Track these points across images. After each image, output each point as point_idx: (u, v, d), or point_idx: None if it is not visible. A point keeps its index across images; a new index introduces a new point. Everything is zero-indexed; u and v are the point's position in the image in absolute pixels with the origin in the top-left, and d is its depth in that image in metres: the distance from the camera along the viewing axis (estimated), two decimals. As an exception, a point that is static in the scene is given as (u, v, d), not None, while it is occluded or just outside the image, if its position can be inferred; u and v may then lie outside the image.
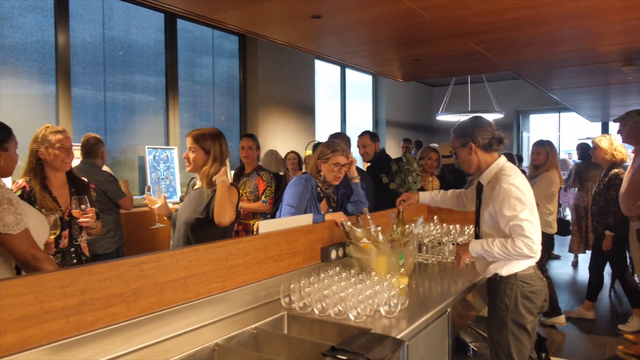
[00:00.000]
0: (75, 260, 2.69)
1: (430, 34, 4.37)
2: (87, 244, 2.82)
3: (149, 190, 3.06)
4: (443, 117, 10.73)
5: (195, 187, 2.76)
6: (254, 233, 3.39)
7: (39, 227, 2.07)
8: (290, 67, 8.00)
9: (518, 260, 2.32)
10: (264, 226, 2.34)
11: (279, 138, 7.82)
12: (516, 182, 2.30)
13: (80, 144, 4.41)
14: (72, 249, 2.69)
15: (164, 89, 6.42)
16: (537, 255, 2.32)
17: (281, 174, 5.89)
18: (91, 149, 4.01)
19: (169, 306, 1.82)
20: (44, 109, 5.12)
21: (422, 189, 3.95)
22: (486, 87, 10.56)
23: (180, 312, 1.84)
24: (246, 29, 4.34)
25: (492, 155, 2.45)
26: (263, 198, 4.27)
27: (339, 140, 3.26)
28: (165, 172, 6.18)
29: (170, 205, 3.01)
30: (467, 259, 2.48)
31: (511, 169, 2.41)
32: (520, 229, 2.24)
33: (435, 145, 6.02)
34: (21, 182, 2.62)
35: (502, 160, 2.46)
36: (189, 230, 2.58)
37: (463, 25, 4.08)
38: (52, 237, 2.31)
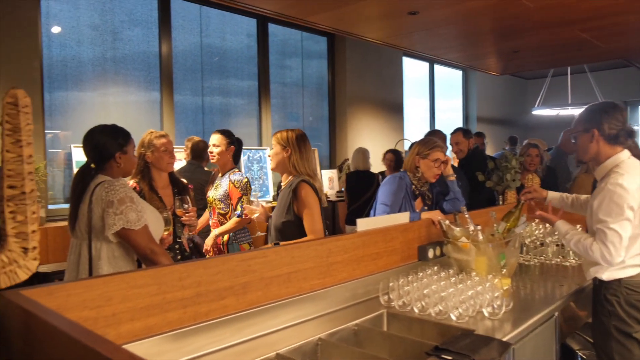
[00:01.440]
0: (179, 257, 2.87)
1: (533, 23, 4.17)
2: (187, 241, 3.00)
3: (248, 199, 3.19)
4: (539, 112, 10.18)
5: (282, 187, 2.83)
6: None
7: (155, 224, 2.24)
8: (378, 65, 7.97)
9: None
10: (362, 224, 2.36)
11: (368, 137, 7.83)
12: (625, 184, 2.09)
13: (183, 147, 4.72)
14: (176, 246, 2.87)
15: (256, 92, 6.66)
16: (614, 264, 2.14)
17: (375, 172, 5.91)
18: (200, 152, 4.28)
19: (274, 300, 1.89)
20: (149, 114, 5.51)
21: (523, 186, 3.78)
22: (589, 77, 9.86)
23: (284, 306, 1.91)
24: (338, 28, 4.40)
25: (615, 148, 2.22)
26: (238, 209, 3.34)
27: (436, 137, 3.22)
28: (258, 172, 6.40)
29: (264, 204, 3.12)
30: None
31: (630, 167, 2.18)
32: (604, 235, 2.09)
33: (534, 141, 5.71)
34: (132, 183, 2.84)
35: (623, 155, 2.22)
36: (279, 234, 2.63)
37: (570, 12, 3.85)
38: (166, 232, 2.48)
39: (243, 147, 5.85)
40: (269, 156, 2.73)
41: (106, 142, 2.21)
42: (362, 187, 5.66)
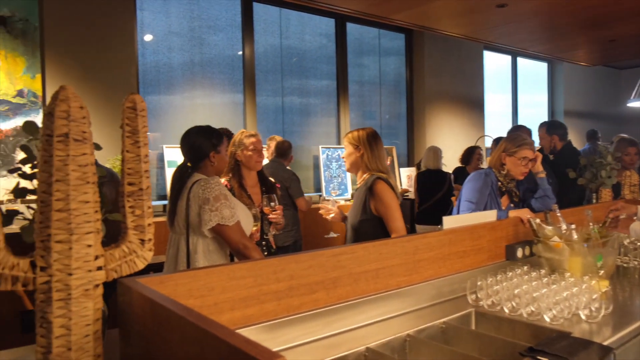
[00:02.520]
0: (265, 252, 2.98)
1: (632, 9, 3.90)
2: (272, 238, 3.10)
3: (324, 200, 3.24)
4: (636, 104, 9.48)
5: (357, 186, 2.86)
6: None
7: (246, 220, 2.35)
8: (458, 59, 7.78)
9: None
10: (448, 222, 2.33)
11: (447, 134, 7.67)
12: None
13: (265, 146, 4.88)
14: (263, 242, 2.98)
15: (334, 91, 6.73)
16: None
17: (447, 171, 5.79)
18: (284, 151, 4.44)
19: (362, 295, 1.92)
20: (233, 115, 5.74)
21: (619, 184, 3.56)
22: (692, 66, 9.05)
23: (372, 302, 1.94)
24: (421, 25, 4.36)
25: None
26: None
27: (521, 132, 3.11)
28: (337, 171, 6.47)
29: (342, 202, 3.15)
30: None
31: None
32: None
33: (624, 136, 5.32)
34: (223, 181, 2.98)
35: None
36: (355, 234, 2.65)
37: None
38: (254, 229, 2.59)
39: (322, 146, 5.93)
40: (343, 157, 2.76)
41: (201, 143, 2.34)
42: (433, 187, 5.53)
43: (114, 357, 1.38)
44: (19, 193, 1.37)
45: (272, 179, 3.19)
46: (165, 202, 4.29)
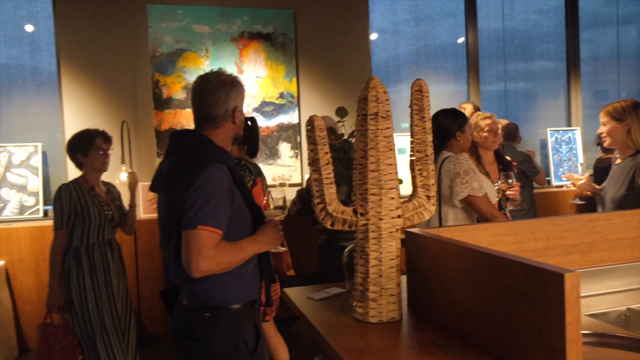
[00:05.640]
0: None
1: None
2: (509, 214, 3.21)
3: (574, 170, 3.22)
4: None
5: (617, 162, 2.77)
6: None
7: (491, 193, 2.55)
8: None
9: None
10: None
11: None
12: None
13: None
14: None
15: (563, 71, 6.38)
16: None
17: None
18: (512, 133, 4.50)
19: (618, 262, 1.97)
20: (456, 104, 5.91)
21: None
22: None
23: (629, 269, 1.97)
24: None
25: None
26: None
27: None
28: (567, 154, 6.14)
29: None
30: None
31: None
32: None
33: None
34: None
35: None
36: (616, 208, 2.61)
37: None
38: (497, 199, 2.78)
39: (550, 129, 5.71)
40: (601, 134, 2.71)
41: (448, 124, 2.62)
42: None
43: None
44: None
45: (509, 158, 3.31)
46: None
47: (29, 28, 4.29)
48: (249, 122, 2.57)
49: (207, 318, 1.58)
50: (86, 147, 2.64)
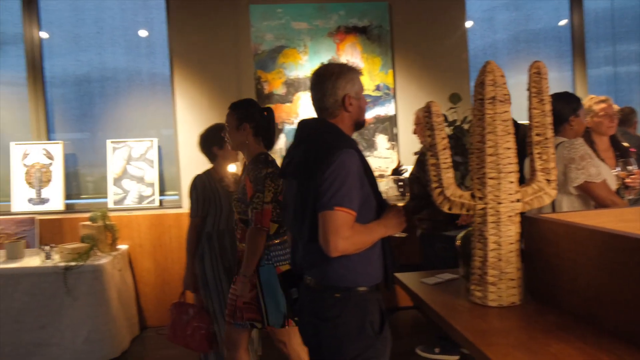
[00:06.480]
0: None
1: None
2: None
3: None
4: None
5: None
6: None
7: (610, 179, 2.42)
8: None
9: None
10: None
11: None
12: None
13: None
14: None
15: (685, 49, 5.83)
16: None
17: None
18: (626, 117, 4.21)
19: None
20: (559, 89, 5.60)
21: None
22: None
23: None
24: None
25: None
26: (249, 214, 2.40)
27: None
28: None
29: None
30: None
31: None
32: None
33: None
34: None
35: None
36: None
37: None
38: (615, 187, 2.63)
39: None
40: None
41: (562, 108, 2.52)
42: None
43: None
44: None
45: (627, 144, 3.11)
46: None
47: (143, 33, 4.66)
48: (265, 113, 2.52)
49: (337, 299, 1.66)
50: (223, 139, 2.81)
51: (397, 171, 4.31)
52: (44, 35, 4.53)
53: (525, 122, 1.71)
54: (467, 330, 1.37)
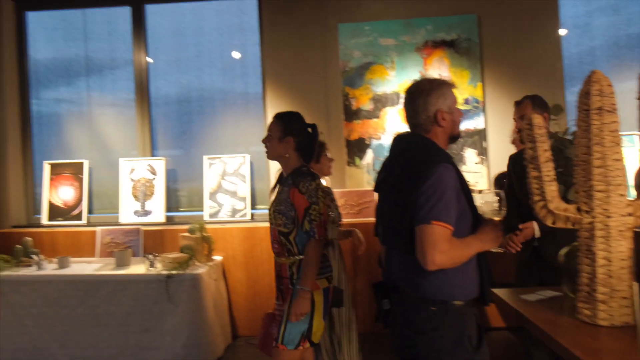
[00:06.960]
0: None
1: None
2: None
3: None
4: None
5: None
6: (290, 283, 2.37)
7: None
8: None
9: None
10: None
11: None
12: None
13: None
14: None
15: None
16: None
17: None
18: None
19: None
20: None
21: None
22: None
23: None
24: None
25: None
26: (307, 226, 2.33)
27: None
28: None
29: None
30: None
31: None
32: None
33: None
34: None
35: None
36: None
37: None
38: None
39: None
40: None
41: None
42: None
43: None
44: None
45: None
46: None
47: (237, 55, 4.92)
48: (309, 129, 2.53)
49: (432, 312, 1.66)
50: (319, 154, 2.86)
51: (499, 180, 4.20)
52: (149, 59, 4.93)
53: (635, 132, 1.63)
54: (576, 348, 1.31)
